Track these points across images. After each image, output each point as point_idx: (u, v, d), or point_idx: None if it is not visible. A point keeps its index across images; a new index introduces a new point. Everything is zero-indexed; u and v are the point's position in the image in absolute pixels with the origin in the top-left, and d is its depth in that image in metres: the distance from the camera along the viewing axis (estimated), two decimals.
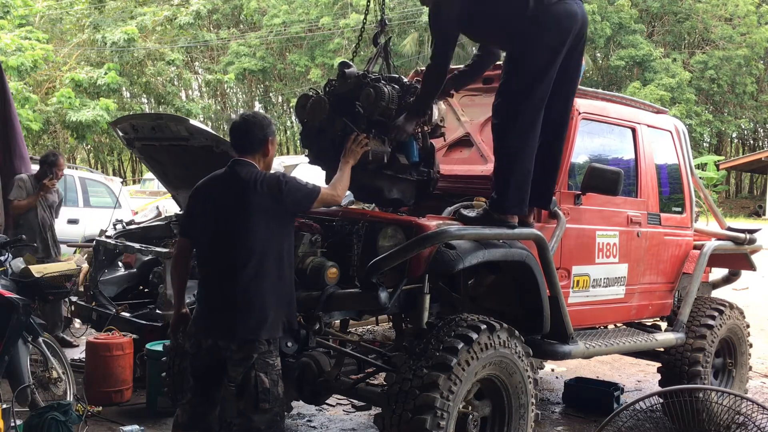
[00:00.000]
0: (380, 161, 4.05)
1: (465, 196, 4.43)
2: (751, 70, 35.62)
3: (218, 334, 3.38)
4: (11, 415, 4.23)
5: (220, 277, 3.41)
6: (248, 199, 3.37)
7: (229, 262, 3.37)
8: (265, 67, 35.52)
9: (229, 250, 3.37)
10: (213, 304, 3.43)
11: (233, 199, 3.40)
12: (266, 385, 3.31)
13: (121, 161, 39.76)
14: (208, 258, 3.51)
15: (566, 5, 3.98)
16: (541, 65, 3.98)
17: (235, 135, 3.58)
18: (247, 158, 3.50)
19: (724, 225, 6.33)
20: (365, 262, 3.73)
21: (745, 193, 42.08)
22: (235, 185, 3.42)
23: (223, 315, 3.37)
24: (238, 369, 3.33)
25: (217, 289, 3.42)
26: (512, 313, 4.29)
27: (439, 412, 3.48)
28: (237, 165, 3.49)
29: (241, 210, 3.36)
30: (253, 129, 3.53)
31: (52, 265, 5.88)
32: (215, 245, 3.44)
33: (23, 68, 15.85)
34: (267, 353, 3.36)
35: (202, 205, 3.54)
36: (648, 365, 6.91)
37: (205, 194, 3.55)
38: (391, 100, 3.98)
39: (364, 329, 5.32)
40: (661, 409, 4.08)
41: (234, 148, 3.60)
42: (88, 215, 10.89)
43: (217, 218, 3.44)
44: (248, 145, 3.52)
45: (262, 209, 3.37)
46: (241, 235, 3.35)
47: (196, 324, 3.50)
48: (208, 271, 3.51)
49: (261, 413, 3.31)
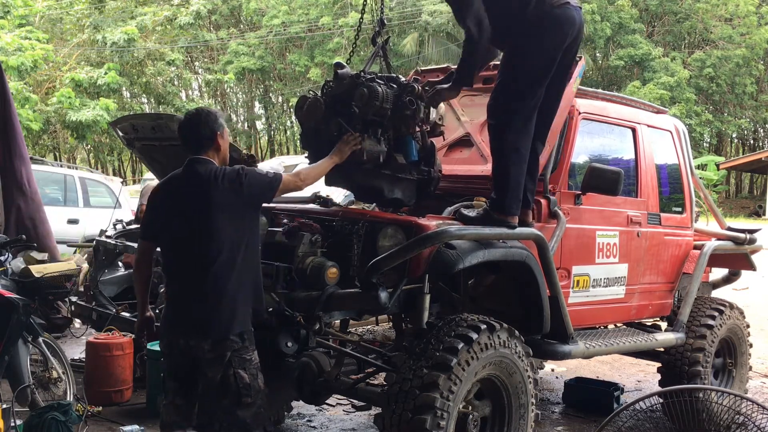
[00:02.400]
0: (376, 161, 4.05)
1: (465, 196, 4.42)
2: (750, 70, 35.62)
3: (189, 334, 3.37)
4: (11, 415, 4.24)
5: (187, 276, 3.39)
6: (210, 196, 3.35)
7: (194, 260, 3.36)
8: (264, 67, 35.49)
9: (194, 249, 3.36)
10: (181, 304, 3.43)
11: (195, 197, 3.38)
12: (246, 380, 3.34)
13: (121, 161, 39.76)
14: (173, 258, 3.48)
15: (566, 10, 4.01)
16: (540, 68, 3.99)
17: (184, 134, 3.53)
18: (202, 155, 3.47)
19: (724, 225, 6.34)
20: (365, 262, 3.73)
21: (745, 193, 42.08)
22: (196, 183, 3.40)
23: (193, 314, 3.36)
24: (213, 369, 3.33)
25: (184, 289, 3.41)
26: (512, 313, 4.29)
27: (439, 412, 3.48)
28: (195, 163, 3.46)
29: (204, 207, 3.35)
30: (200, 126, 3.49)
31: (52, 265, 5.88)
32: (180, 245, 3.42)
33: (23, 68, 15.85)
34: (242, 349, 3.37)
35: (163, 206, 3.51)
36: (648, 365, 6.91)
37: (166, 195, 3.53)
38: (385, 100, 3.97)
39: (364, 329, 5.32)
40: (661, 409, 4.08)
41: (186, 148, 3.54)
42: (88, 215, 10.90)
43: (180, 217, 3.42)
44: (199, 143, 3.48)
45: (224, 204, 3.35)
46: (206, 232, 3.34)
47: (166, 324, 3.49)
48: (173, 271, 3.49)
49: (245, 408, 3.34)
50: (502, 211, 4.02)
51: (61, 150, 29.25)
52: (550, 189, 4.49)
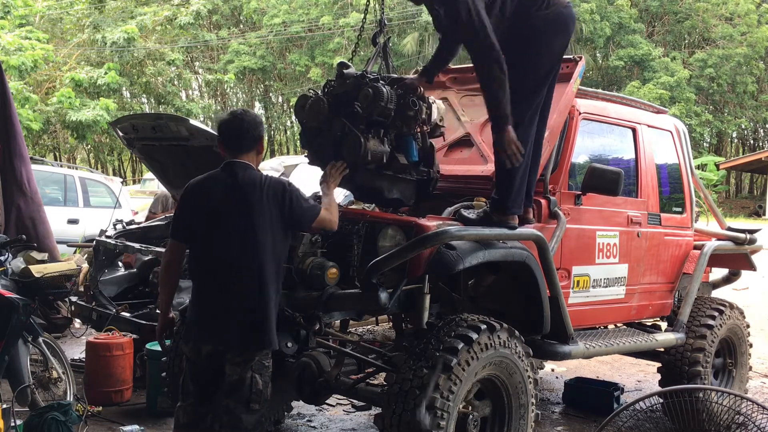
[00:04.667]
0: (379, 161, 4.05)
1: (465, 197, 4.43)
2: (751, 69, 35.62)
3: (219, 341, 3.32)
4: (11, 415, 4.24)
5: (222, 282, 3.31)
6: (253, 204, 3.27)
7: (232, 267, 3.28)
8: (264, 66, 35.50)
9: (232, 256, 3.27)
10: (214, 311, 3.33)
11: (236, 202, 3.29)
12: (260, 386, 3.31)
13: (121, 161, 39.76)
14: (207, 263, 3.37)
15: (570, 10, 4.08)
16: (547, 68, 4.03)
17: (230, 134, 3.43)
18: (242, 158, 3.40)
19: (724, 225, 6.34)
20: (365, 263, 3.73)
21: (745, 193, 42.08)
22: (237, 188, 3.31)
23: (226, 322, 3.29)
24: (236, 369, 3.30)
25: (219, 296, 3.32)
26: (512, 313, 4.29)
27: (439, 412, 3.48)
28: (235, 166, 3.37)
29: (246, 215, 3.27)
30: (249, 127, 3.41)
31: (52, 265, 5.88)
32: (216, 250, 3.32)
33: (24, 68, 15.85)
34: (265, 355, 3.36)
35: (198, 207, 3.40)
36: (648, 365, 6.91)
37: (201, 196, 3.41)
38: (390, 100, 3.97)
39: (364, 329, 5.32)
40: (661, 409, 4.09)
41: (227, 148, 3.44)
42: (88, 215, 10.90)
43: (218, 222, 3.31)
44: (244, 145, 3.40)
45: (266, 215, 3.28)
46: (246, 240, 3.26)
47: (195, 330, 3.41)
48: (207, 276, 3.37)
49: (250, 413, 3.32)
50: (504, 211, 4.02)
51: (61, 150, 29.25)
52: (550, 189, 4.50)
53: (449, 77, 5.23)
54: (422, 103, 4.06)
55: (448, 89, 5.20)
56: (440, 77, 5.18)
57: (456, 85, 5.20)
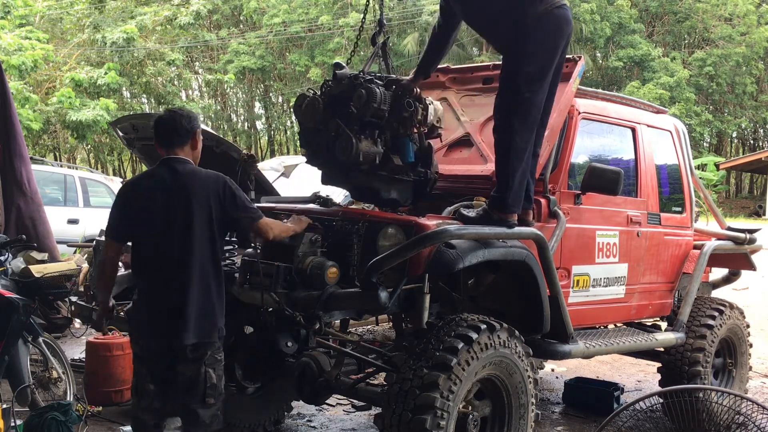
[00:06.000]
0: (372, 162, 4.05)
1: (465, 196, 4.42)
2: (750, 69, 35.62)
3: (171, 336, 3.33)
4: (11, 415, 4.24)
5: (167, 278, 3.35)
6: (192, 198, 3.33)
7: (175, 262, 3.33)
8: (264, 66, 35.48)
9: (174, 250, 3.33)
10: (161, 306, 3.36)
11: (176, 197, 3.34)
12: (213, 380, 3.38)
13: (121, 161, 39.72)
14: (152, 259, 3.41)
15: (565, 11, 4.08)
16: (543, 67, 4.02)
17: (163, 129, 3.47)
18: (177, 153, 3.44)
19: (724, 225, 6.34)
20: (365, 262, 3.72)
21: (745, 193, 42.06)
22: (176, 183, 3.36)
23: (176, 317, 3.32)
24: (189, 366, 3.35)
25: (165, 291, 3.35)
26: (512, 313, 4.29)
27: (439, 412, 3.48)
28: (172, 162, 3.42)
29: (186, 209, 3.33)
30: (181, 121, 3.46)
31: (52, 265, 5.88)
32: (160, 246, 3.37)
33: (24, 68, 15.85)
34: (217, 350, 3.41)
35: (138, 206, 3.43)
36: (648, 365, 6.91)
37: (140, 194, 3.45)
38: (383, 101, 3.98)
39: (364, 329, 5.32)
40: (661, 409, 4.09)
41: (161, 144, 3.48)
42: (88, 215, 10.90)
43: (160, 218, 3.35)
44: (176, 139, 3.44)
45: (205, 209, 3.35)
46: (186, 234, 3.32)
47: (144, 326, 3.44)
48: (152, 273, 3.41)
49: (206, 408, 3.37)
50: (503, 209, 4.02)
51: (61, 150, 29.23)
52: (550, 189, 4.50)
53: (449, 77, 5.24)
54: (418, 104, 4.06)
55: (448, 89, 5.20)
56: (440, 77, 5.18)
57: (456, 85, 5.21)
